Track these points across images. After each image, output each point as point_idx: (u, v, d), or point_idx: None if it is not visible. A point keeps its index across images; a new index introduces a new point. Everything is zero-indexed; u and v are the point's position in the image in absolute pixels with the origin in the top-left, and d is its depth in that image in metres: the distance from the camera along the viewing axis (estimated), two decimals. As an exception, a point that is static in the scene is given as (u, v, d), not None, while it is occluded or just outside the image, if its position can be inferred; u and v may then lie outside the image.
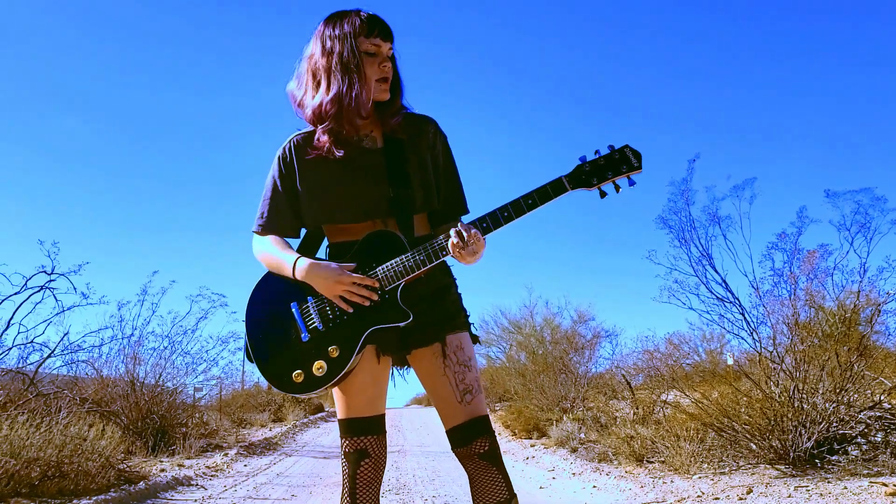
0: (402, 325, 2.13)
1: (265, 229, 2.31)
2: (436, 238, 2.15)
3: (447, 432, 2.23)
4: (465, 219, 2.27)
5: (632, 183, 2.15)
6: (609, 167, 2.13)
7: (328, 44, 2.20)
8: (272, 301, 2.25)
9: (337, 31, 2.19)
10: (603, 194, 2.15)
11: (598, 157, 2.14)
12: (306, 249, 2.38)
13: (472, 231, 2.08)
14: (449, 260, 2.22)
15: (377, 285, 2.13)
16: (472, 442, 2.17)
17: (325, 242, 2.37)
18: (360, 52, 2.17)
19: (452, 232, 2.09)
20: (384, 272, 2.14)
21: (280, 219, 2.30)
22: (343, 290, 2.12)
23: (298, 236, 2.37)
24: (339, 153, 2.19)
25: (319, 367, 2.13)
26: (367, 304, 2.12)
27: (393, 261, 2.14)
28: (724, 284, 6.84)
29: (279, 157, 2.31)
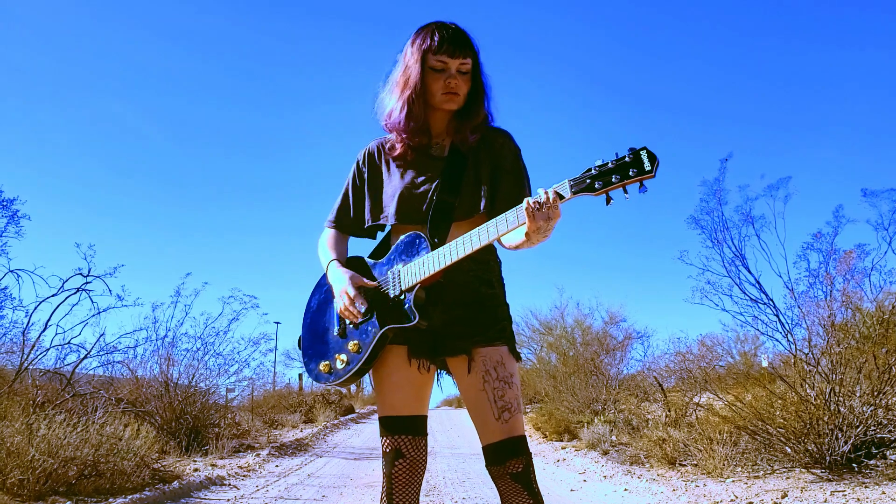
0: (409, 326, 2.14)
1: (331, 224, 2.48)
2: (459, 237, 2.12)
3: (483, 448, 2.18)
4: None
5: (643, 189, 1.88)
6: (617, 170, 1.89)
7: (402, 59, 2.31)
8: (323, 293, 2.43)
9: (413, 48, 2.27)
10: (609, 200, 1.92)
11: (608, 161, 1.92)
12: (384, 248, 2.42)
13: (553, 197, 1.93)
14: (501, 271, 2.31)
15: (365, 306, 2.21)
16: (506, 462, 2.12)
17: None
18: (427, 69, 2.24)
19: (531, 199, 1.94)
20: (396, 275, 2.23)
21: (345, 218, 2.46)
22: (341, 302, 2.26)
23: (364, 235, 2.47)
24: (407, 156, 2.33)
25: (341, 359, 2.27)
26: (356, 321, 2.23)
27: (410, 264, 2.21)
28: (757, 285, 6.76)
29: (357, 161, 2.47)
